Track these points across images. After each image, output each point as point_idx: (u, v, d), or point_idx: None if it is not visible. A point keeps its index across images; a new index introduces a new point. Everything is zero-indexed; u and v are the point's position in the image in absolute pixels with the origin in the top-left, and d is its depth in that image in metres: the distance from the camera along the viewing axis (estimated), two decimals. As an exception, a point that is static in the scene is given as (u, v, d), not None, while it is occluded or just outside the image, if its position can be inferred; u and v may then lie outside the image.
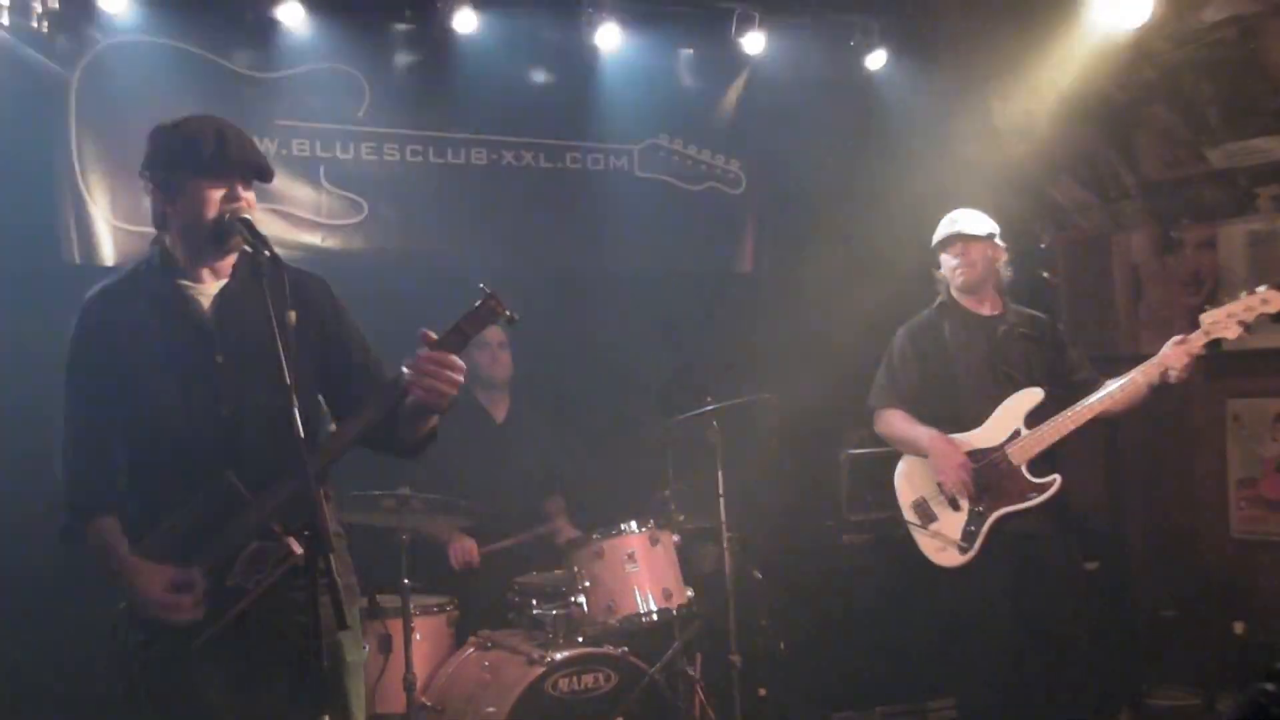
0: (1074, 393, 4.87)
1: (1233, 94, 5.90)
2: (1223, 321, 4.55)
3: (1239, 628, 5.97)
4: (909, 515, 5.04)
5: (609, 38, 6.04)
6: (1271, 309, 4.52)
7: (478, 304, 3.15)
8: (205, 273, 3.23)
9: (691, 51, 6.51)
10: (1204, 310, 4.64)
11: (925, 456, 4.98)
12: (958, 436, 4.93)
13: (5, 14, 4.34)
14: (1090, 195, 6.80)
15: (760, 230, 6.82)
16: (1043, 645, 4.86)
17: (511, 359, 5.80)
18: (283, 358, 2.88)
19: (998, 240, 5.09)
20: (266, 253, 3.03)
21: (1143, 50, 5.93)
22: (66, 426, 3.19)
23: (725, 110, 6.67)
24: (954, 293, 5.12)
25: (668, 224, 6.56)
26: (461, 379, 3.06)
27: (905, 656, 5.87)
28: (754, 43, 6.26)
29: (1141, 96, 6.21)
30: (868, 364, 5.32)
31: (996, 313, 5.07)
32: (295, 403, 2.85)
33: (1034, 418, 4.84)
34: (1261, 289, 4.51)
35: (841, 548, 6.24)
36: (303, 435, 2.85)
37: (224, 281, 3.23)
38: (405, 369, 3.04)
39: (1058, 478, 4.80)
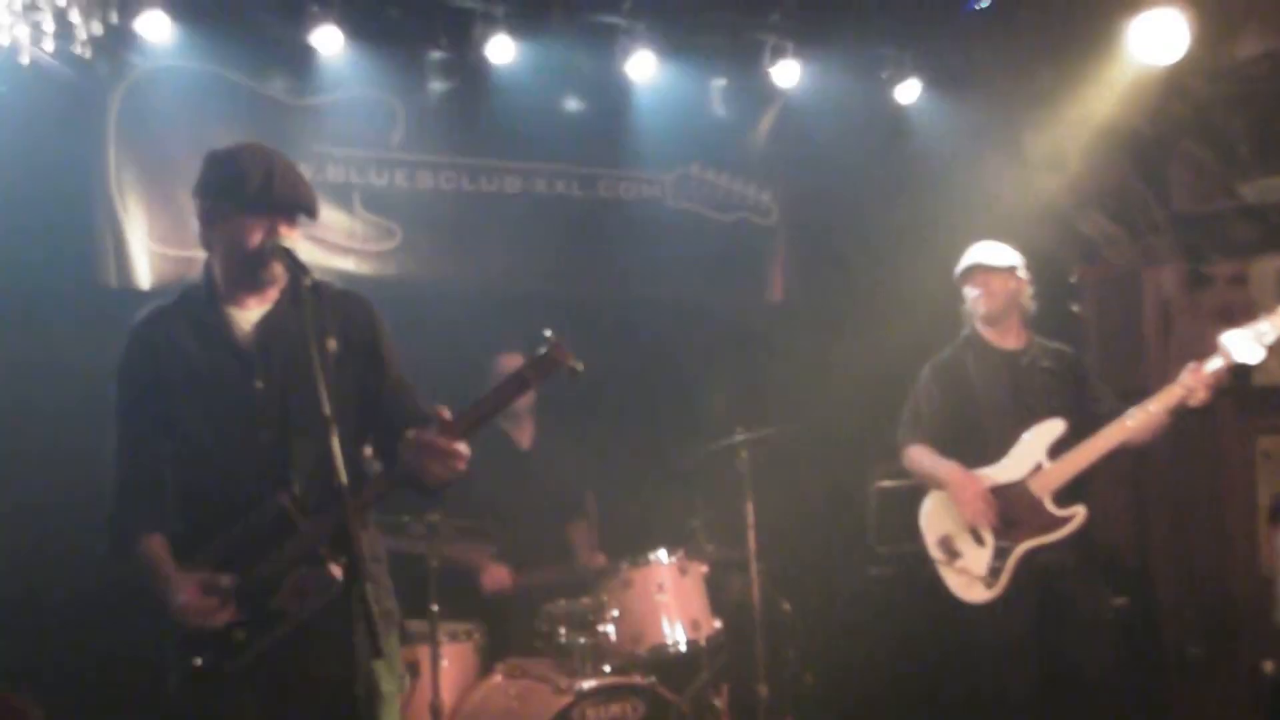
0: (1098, 424, 4.85)
1: (1265, 129, 5.89)
2: (1242, 343, 4.53)
3: (1268, 666, 5.92)
4: (934, 553, 5.02)
5: (643, 67, 6.06)
6: None
7: (543, 351, 3.12)
8: (249, 299, 3.26)
9: (724, 81, 6.53)
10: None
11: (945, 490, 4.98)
12: (980, 471, 4.92)
13: (48, 39, 4.36)
14: (1120, 229, 6.78)
15: (791, 260, 6.83)
16: (1068, 680, 4.84)
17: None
18: (321, 390, 2.91)
19: (1020, 272, 5.09)
20: (307, 280, 3.07)
21: (1175, 85, 5.93)
22: (117, 447, 3.23)
23: (757, 140, 6.70)
24: (977, 326, 5.12)
25: (699, 253, 6.58)
26: (463, 467, 3.04)
27: (932, 689, 5.85)
28: (787, 74, 6.27)
29: (1173, 131, 6.21)
30: (897, 396, 5.32)
31: (1020, 346, 5.07)
32: (334, 434, 2.88)
33: (1056, 450, 4.83)
34: None
35: (869, 580, 6.23)
36: (342, 466, 2.87)
37: (268, 307, 3.26)
38: (406, 447, 3.02)
39: (1082, 509, 4.78)
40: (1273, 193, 6.04)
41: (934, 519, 5.08)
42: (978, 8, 5.97)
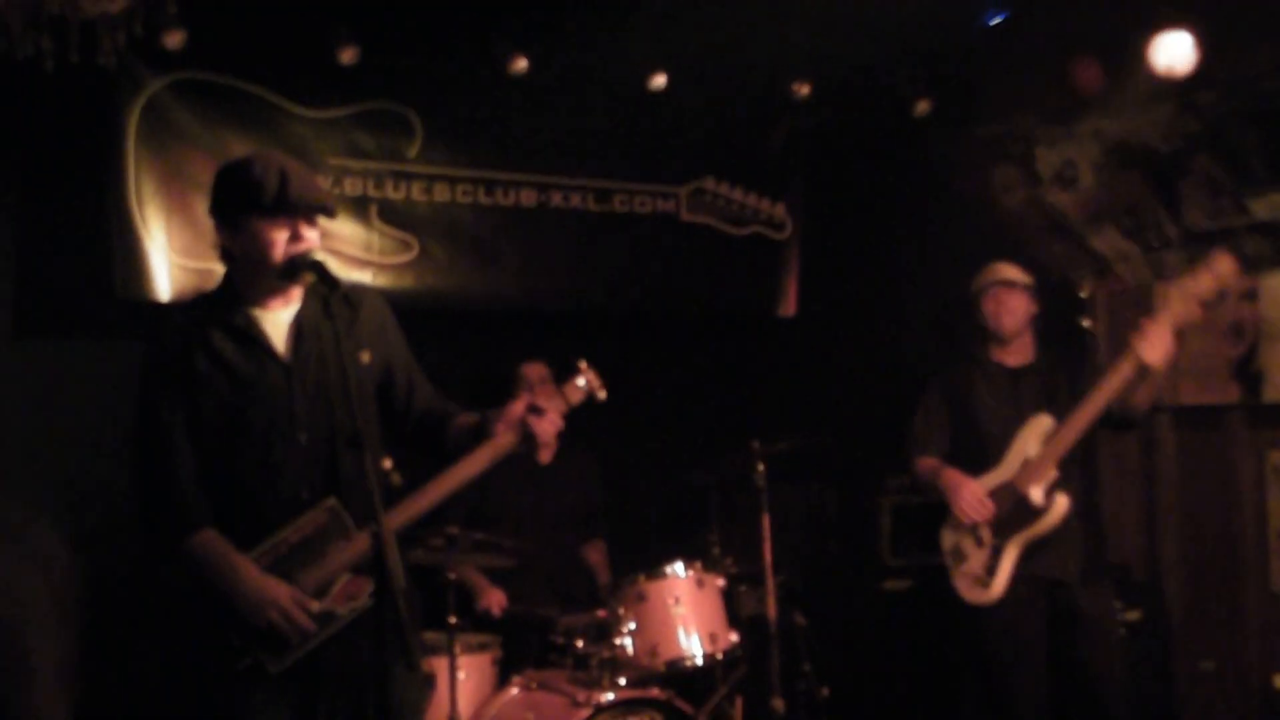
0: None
1: (1277, 145, 5.91)
2: (1176, 299, 4.56)
3: (1279, 681, 5.94)
4: (947, 559, 5.09)
5: (659, 81, 6.09)
6: (1228, 280, 4.51)
7: (574, 379, 3.40)
8: (274, 301, 3.30)
9: (739, 95, 6.54)
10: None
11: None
12: (979, 479, 4.97)
13: (73, 50, 4.39)
14: (1132, 245, 6.81)
15: (803, 274, 6.85)
16: (1081, 693, 4.87)
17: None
18: (355, 405, 2.96)
19: (1034, 294, 5.16)
20: (339, 293, 3.11)
21: (1188, 100, 5.96)
22: (151, 442, 3.22)
23: (771, 155, 6.72)
24: (988, 343, 5.17)
25: (712, 267, 6.61)
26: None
27: (947, 702, 5.86)
28: (801, 88, 6.30)
29: (1185, 147, 6.23)
30: (909, 410, 5.35)
31: (1027, 362, 5.13)
32: (368, 447, 2.92)
33: (1047, 443, 4.85)
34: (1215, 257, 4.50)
35: (883, 594, 6.25)
36: (374, 476, 2.92)
37: (295, 308, 3.30)
38: (530, 411, 3.27)
39: (1063, 499, 4.76)
40: (1285, 209, 6.07)
41: (949, 529, 5.13)
42: (991, 23, 6.00)
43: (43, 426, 5.09)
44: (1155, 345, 4.58)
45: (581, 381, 3.44)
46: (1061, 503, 4.77)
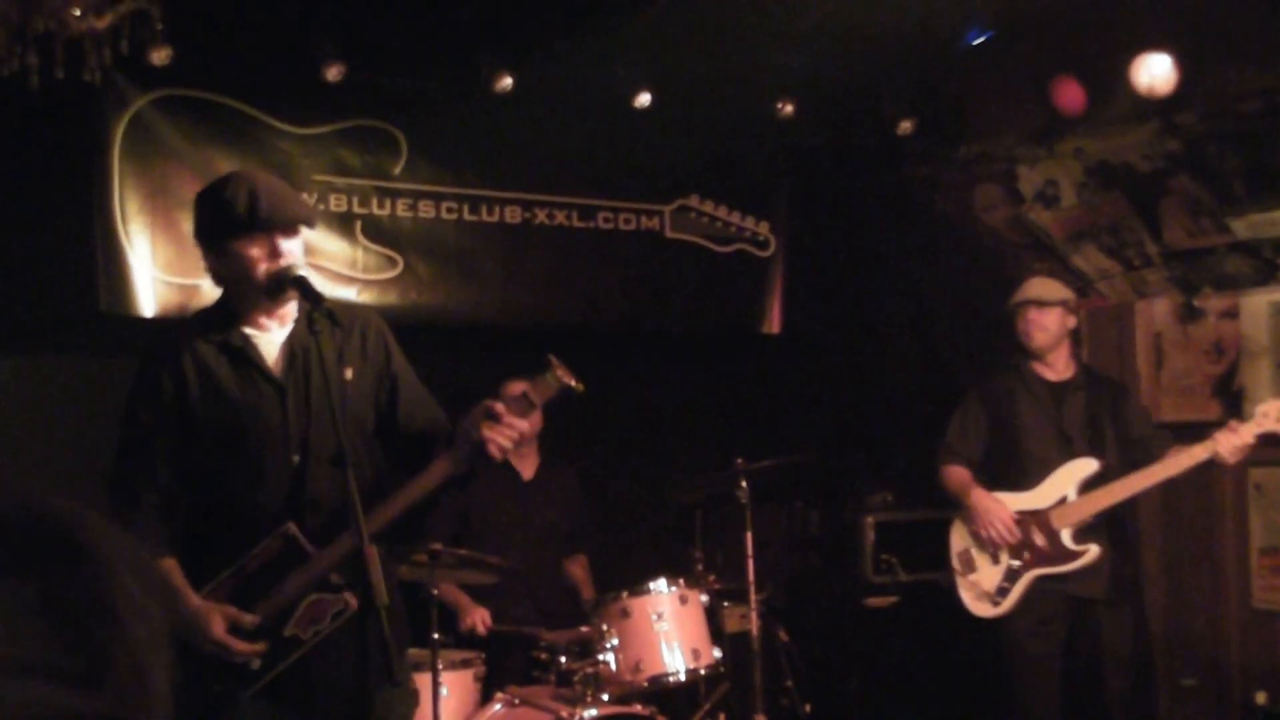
0: (1130, 453, 5.01)
1: (1258, 166, 5.96)
2: (1275, 414, 4.65)
3: (1261, 698, 5.95)
4: (954, 563, 5.20)
5: (642, 98, 6.11)
6: None
7: (544, 373, 3.20)
8: (268, 321, 3.30)
9: (724, 113, 6.57)
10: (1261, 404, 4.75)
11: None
12: (1007, 495, 5.04)
13: (58, 66, 4.39)
14: (1114, 263, 6.85)
15: (788, 292, 6.87)
16: (1089, 709, 4.95)
17: (542, 414, 5.81)
18: (339, 423, 2.96)
19: (1071, 306, 5.23)
20: (322, 309, 3.12)
21: (1168, 121, 6.00)
22: (122, 465, 3.22)
23: (756, 173, 6.74)
24: (1028, 356, 5.25)
25: (696, 285, 6.62)
26: (518, 439, 3.18)
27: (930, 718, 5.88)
28: (785, 106, 6.33)
29: (1166, 167, 6.27)
30: (894, 427, 5.37)
31: (1067, 377, 5.21)
32: (350, 466, 2.93)
33: (1087, 487, 4.95)
34: None
35: (865, 610, 6.26)
36: (356, 494, 2.92)
37: (288, 328, 3.30)
38: (483, 423, 3.11)
39: (1095, 548, 4.89)
40: (1264, 228, 6.10)
41: (960, 532, 5.26)
42: (974, 43, 6.03)
43: (23, 443, 5.07)
44: (1238, 449, 4.70)
45: (549, 377, 3.17)
46: (1093, 551, 4.88)
